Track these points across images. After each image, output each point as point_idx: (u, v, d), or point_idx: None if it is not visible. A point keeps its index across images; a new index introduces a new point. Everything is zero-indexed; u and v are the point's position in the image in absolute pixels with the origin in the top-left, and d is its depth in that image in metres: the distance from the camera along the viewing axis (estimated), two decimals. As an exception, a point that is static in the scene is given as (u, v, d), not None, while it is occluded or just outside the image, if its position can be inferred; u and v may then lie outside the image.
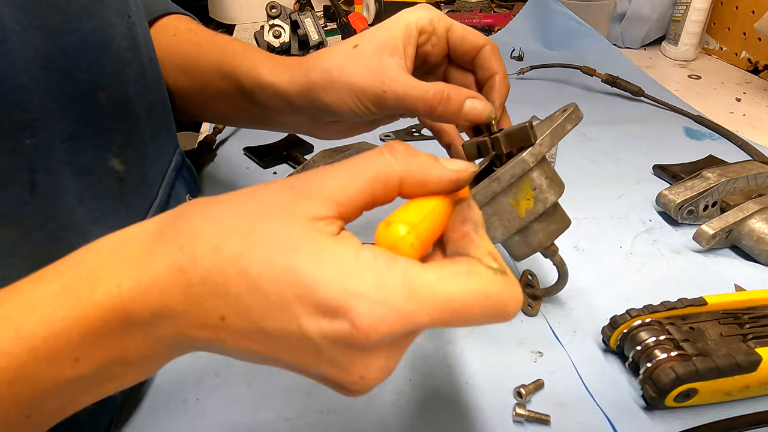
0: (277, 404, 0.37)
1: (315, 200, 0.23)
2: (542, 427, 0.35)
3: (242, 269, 0.22)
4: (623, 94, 0.81)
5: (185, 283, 0.22)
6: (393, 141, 0.25)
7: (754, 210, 0.49)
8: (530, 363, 0.40)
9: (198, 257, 0.22)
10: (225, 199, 0.24)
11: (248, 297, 0.22)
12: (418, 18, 0.39)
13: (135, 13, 0.38)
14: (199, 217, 0.23)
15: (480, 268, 0.23)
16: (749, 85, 0.88)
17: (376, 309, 0.21)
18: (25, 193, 0.28)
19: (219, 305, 0.22)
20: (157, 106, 0.42)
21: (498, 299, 0.23)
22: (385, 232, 0.24)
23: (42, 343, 0.22)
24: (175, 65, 0.47)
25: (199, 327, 0.23)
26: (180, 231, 0.23)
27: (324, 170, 0.24)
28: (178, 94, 0.49)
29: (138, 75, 0.39)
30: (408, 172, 0.25)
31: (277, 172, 0.63)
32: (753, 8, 0.90)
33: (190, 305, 0.22)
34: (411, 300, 0.21)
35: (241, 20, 1.16)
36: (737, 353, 0.34)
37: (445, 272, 0.22)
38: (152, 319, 0.23)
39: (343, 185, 0.23)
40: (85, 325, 0.22)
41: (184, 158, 0.45)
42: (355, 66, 0.37)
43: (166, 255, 0.22)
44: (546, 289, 0.44)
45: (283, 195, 0.23)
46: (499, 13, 1.18)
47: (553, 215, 0.40)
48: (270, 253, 0.22)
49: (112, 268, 0.23)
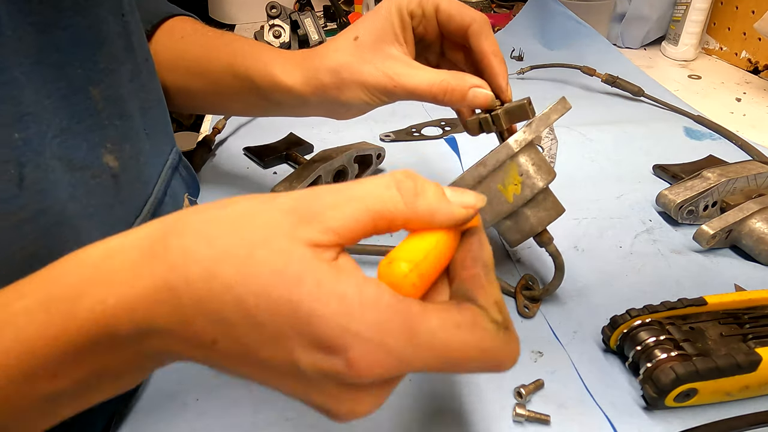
0: (278, 404, 0.36)
1: (316, 228, 0.22)
2: (542, 427, 0.35)
3: (238, 298, 0.21)
4: (623, 94, 0.81)
5: (175, 302, 0.21)
6: (401, 172, 0.25)
7: (754, 210, 0.49)
8: (530, 363, 0.40)
9: (191, 281, 0.21)
10: (220, 217, 0.23)
11: (243, 325, 0.21)
12: (408, 1, 0.40)
13: (129, 13, 0.38)
14: (192, 235, 0.22)
15: (485, 323, 0.23)
16: (749, 85, 0.88)
17: (373, 351, 0.21)
18: (13, 186, 0.28)
19: (211, 329, 0.21)
20: (153, 105, 0.42)
21: (495, 356, 0.23)
22: (388, 269, 0.23)
23: (16, 361, 0.21)
24: (185, 68, 0.48)
25: (188, 346, 0.22)
26: (171, 249, 0.22)
27: (326, 195, 0.23)
28: (189, 94, 0.49)
29: (133, 74, 0.39)
30: (414, 213, 0.24)
31: (277, 172, 0.63)
32: (753, 8, 0.90)
33: (180, 324, 0.22)
34: (410, 345, 0.21)
35: (241, 20, 1.16)
36: (737, 353, 0.34)
37: (449, 321, 0.22)
38: (138, 336, 0.22)
39: (346, 218, 0.23)
40: (65, 342, 0.22)
41: (181, 157, 0.45)
42: (363, 64, 0.39)
43: (155, 274, 0.22)
44: (545, 288, 0.44)
45: (284, 219, 0.23)
46: (499, 13, 1.18)
47: (543, 202, 0.41)
48: (268, 283, 0.21)
49: (95, 284, 0.22)
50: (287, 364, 0.21)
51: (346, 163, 0.57)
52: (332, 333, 0.20)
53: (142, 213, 0.39)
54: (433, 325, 0.22)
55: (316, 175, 0.54)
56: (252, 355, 0.22)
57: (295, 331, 0.21)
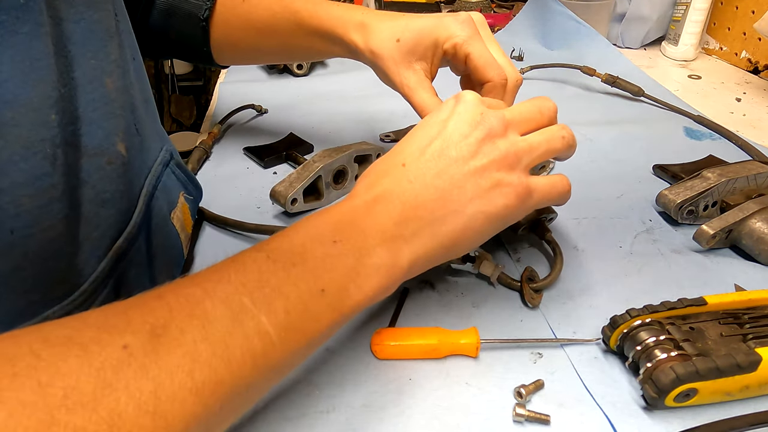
0: (278, 404, 0.37)
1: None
2: (542, 427, 0.35)
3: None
4: (623, 94, 0.81)
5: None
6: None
7: (754, 210, 0.49)
8: (530, 363, 0.40)
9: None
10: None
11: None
12: (450, 36, 0.47)
13: (120, 13, 0.40)
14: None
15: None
16: (749, 85, 0.88)
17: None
18: (48, 164, 0.30)
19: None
20: (142, 103, 0.44)
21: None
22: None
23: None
24: (255, 30, 0.57)
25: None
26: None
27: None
28: (260, 51, 0.60)
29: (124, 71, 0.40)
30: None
31: (277, 172, 0.63)
32: (753, 8, 0.90)
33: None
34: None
35: (241, 20, 1.16)
36: (737, 353, 0.34)
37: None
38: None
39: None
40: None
41: (172, 155, 0.46)
42: (393, 64, 0.48)
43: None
44: (548, 276, 0.45)
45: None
46: (499, 13, 1.18)
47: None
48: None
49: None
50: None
51: (346, 163, 0.57)
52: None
53: (137, 205, 0.40)
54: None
55: (316, 175, 0.54)
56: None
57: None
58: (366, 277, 0.31)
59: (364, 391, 0.37)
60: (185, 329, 0.24)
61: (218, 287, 0.27)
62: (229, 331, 0.26)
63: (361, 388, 0.38)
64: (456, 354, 0.40)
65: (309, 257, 0.30)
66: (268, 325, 0.27)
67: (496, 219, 0.36)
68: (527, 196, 0.37)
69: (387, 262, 0.32)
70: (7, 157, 0.28)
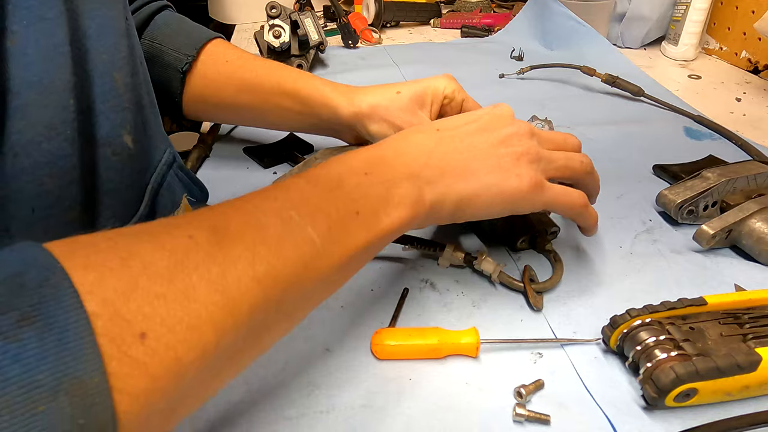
0: (278, 404, 0.37)
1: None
2: (542, 427, 0.35)
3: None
4: (623, 94, 0.81)
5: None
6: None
7: (754, 210, 0.49)
8: (530, 363, 0.40)
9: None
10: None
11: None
12: (446, 86, 0.52)
13: (130, 18, 0.41)
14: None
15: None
16: (749, 85, 0.88)
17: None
18: (68, 145, 0.32)
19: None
20: (149, 103, 0.44)
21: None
22: None
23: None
24: (234, 86, 0.57)
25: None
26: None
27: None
28: (237, 109, 0.59)
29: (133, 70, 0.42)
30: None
31: (277, 172, 0.63)
32: (753, 8, 0.90)
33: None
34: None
35: (241, 20, 1.16)
36: (737, 353, 0.34)
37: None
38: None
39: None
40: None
41: (175, 158, 0.47)
42: (396, 110, 0.51)
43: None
44: (548, 280, 0.45)
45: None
46: (499, 13, 1.18)
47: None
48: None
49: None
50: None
51: (346, 163, 0.57)
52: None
53: (143, 199, 0.41)
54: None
55: (316, 175, 0.54)
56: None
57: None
58: (394, 206, 0.34)
59: (364, 391, 0.37)
60: (243, 231, 0.27)
61: (266, 203, 0.29)
62: (282, 236, 0.28)
63: (361, 388, 0.38)
64: (456, 354, 0.40)
65: (345, 184, 0.33)
66: (315, 235, 0.29)
67: (506, 197, 0.38)
68: (539, 188, 0.39)
69: (412, 195, 0.35)
70: (30, 137, 0.30)
